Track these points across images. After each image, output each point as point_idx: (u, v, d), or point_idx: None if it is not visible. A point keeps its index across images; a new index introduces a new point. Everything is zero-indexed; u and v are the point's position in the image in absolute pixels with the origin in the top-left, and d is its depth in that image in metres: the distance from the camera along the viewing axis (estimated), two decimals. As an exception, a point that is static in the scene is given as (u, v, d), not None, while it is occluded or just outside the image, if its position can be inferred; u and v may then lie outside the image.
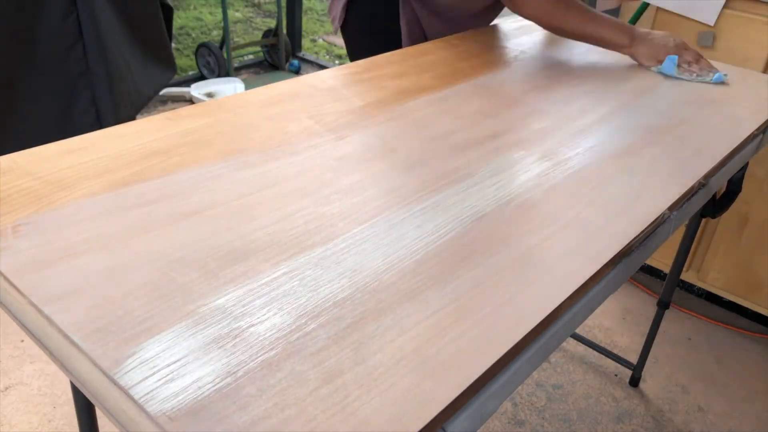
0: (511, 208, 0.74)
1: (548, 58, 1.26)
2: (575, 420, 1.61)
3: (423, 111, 0.97)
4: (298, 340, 0.53)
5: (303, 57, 3.82)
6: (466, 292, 0.60)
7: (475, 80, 1.11)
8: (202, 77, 3.39)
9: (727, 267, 1.91)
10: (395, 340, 0.53)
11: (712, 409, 1.69)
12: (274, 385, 0.48)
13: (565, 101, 1.06)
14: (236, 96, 0.97)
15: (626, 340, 1.89)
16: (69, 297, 0.55)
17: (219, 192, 0.72)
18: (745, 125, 1.03)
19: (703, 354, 1.87)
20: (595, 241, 0.70)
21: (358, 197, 0.73)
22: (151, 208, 0.68)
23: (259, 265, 0.61)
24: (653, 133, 0.97)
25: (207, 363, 0.49)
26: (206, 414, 0.45)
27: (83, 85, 2.24)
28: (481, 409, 0.52)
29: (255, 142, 0.83)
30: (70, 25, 1.67)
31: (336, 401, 0.47)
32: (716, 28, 1.71)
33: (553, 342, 0.61)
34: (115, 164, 0.75)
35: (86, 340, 0.51)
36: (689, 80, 1.19)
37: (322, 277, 0.60)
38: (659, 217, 0.76)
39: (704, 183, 0.87)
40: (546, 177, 0.81)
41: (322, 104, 0.96)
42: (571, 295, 0.62)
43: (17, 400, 1.55)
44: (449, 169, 0.81)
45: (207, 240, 0.64)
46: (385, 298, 0.58)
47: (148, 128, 0.84)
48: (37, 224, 0.64)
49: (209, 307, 0.55)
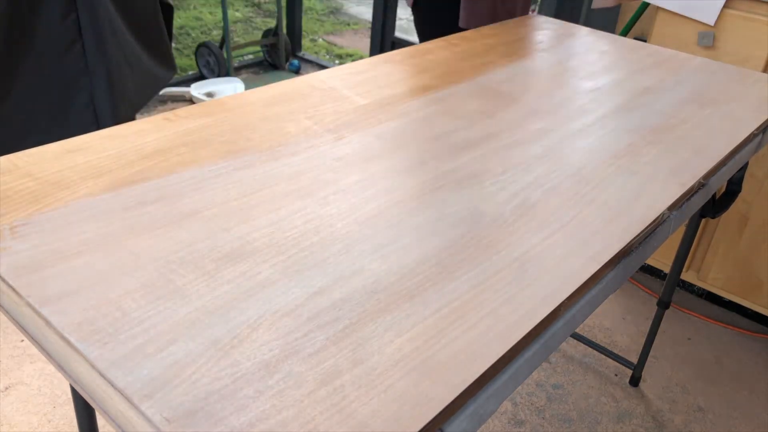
0: (511, 208, 0.74)
1: (548, 58, 1.26)
2: (575, 420, 1.61)
3: (423, 111, 0.96)
4: (297, 341, 0.52)
5: (303, 57, 3.82)
6: (465, 292, 0.60)
7: (475, 80, 1.10)
8: (202, 77, 3.39)
9: (727, 267, 1.91)
10: (394, 341, 0.53)
11: (712, 409, 1.69)
12: (272, 387, 0.48)
13: (565, 101, 1.06)
14: (236, 96, 0.96)
15: (626, 340, 1.89)
16: (66, 298, 0.55)
17: (218, 192, 0.72)
18: (745, 125, 1.03)
19: (703, 354, 1.87)
20: (595, 241, 0.69)
21: (357, 198, 0.73)
22: (150, 209, 0.68)
23: (258, 266, 0.60)
24: (653, 133, 0.97)
25: (205, 364, 0.49)
26: (203, 415, 0.45)
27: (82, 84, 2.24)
28: (480, 410, 0.52)
29: (254, 143, 0.83)
30: (70, 25, 1.67)
31: (334, 402, 0.47)
32: (716, 28, 1.71)
33: (553, 342, 0.61)
34: (115, 164, 0.75)
35: (83, 341, 0.50)
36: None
37: (321, 278, 0.60)
38: (659, 217, 0.76)
39: (704, 183, 0.87)
40: (546, 177, 0.81)
41: (322, 104, 0.96)
42: (571, 295, 0.61)
43: (17, 400, 1.55)
44: (449, 169, 0.81)
45: (205, 240, 0.63)
46: (384, 298, 0.58)
47: (148, 128, 0.84)
48: (36, 225, 0.63)
49: (207, 308, 0.55)
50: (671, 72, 1.24)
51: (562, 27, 1.47)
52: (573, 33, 1.43)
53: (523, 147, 0.89)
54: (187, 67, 3.65)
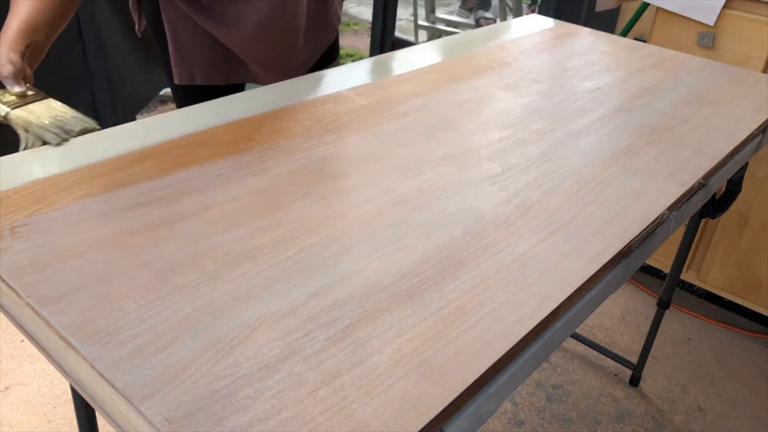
0: (511, 208, 0.74)
1: (548, 58, 1.26)
2: (575, 420, 1.61)
3: (423, 111, 0.96)
4: (297, 341, 0.52)
5: (303, 57, 3.81)
6: (465, 292, 0.60)
7: (473, 82, 1.10)
8: (201, 77, 3.39)
9: (727, 267, 1.91)
10: (394, 341, 0.53)
11: (712, 409, 1.69)
12: (272, 387, 0.48)
13: (565, 101, 1.06)
14: (236, 96, 0.96)
15: (626, 340, 1.89)
16: (66, 298, 0.55)
17: (218, 192, 0.72)
18: (745, 125, 1.03)
19: (703, 354, 1.87)
20: (595, 241, 0.69)
21: (357, 198, 0.73)
22: (150, 209, 0.68)
23: (258, 266, 0.60)
24: (653, 133, 0.97)
25: (205, 364, 0.49)
26: (203, 416, 0.45)
27: (83, 85, 2.24)
28: (480, 410, 0.52)
29: (254, 143, 0.83)
30: (70, 26, 1.67)
31: (334, 403, 0.47)
32: (716, 28, 1.71)
33: (553, 342, 0.60)
34: (115, 164, 0.75)
35: (83, 341, 0.50)
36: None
37: (321, 278, 0.60)
38: (659, 217, 0.76)
39: (704, 183, 0.87)
40: (546, 177, 0.81)
41: (322, 104, 0.96)
42: (571, 295, 0.61)
43: (17, 400, 1.55)
44: (449, 169, 0.81)
45: (205, 241, 0.63)
46: (384, 299, 0.58)
47: (148, 128, 0.84)
48: (35, 225, 0.63)
49: (207, 308, 0.55)
50: (671, 72, 1.24)
51: (562, 27, 1.47)
52: (573, 33, 1.43)
53: (523, 147, 0.89)
54: (187, 68, 3.65)
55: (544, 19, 1.52)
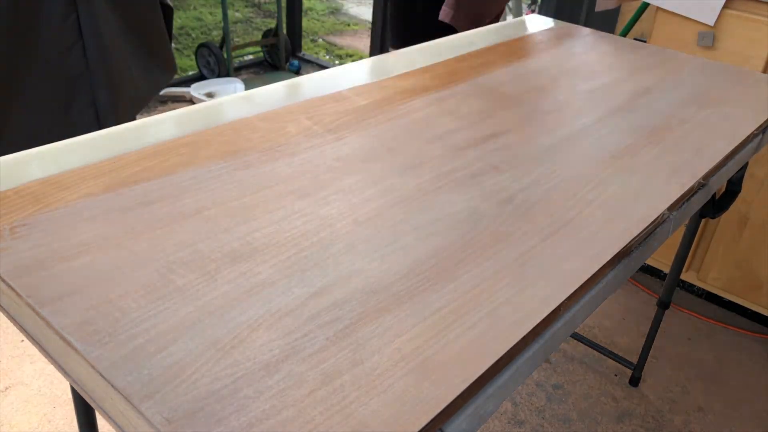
0: (511, 208, 0.74)
1: (548, 58, 1.26)
2: (575, 420, 1.61)
3: (422, 111, 0.96)
4: (297, 341, 0.52)
5: (303, 57, 3.81)
6: (465, 292, 0.60)
7: (475, 80, 1.10)
8: (202, 77, 3.39)
9: (727, 267, 1.91)
10: (394, 341, 0.53)
11: (712, 409, 1.68)
12: (272, 387, 0.48)
13: (565, 101, 1.06)
14: (236, 96, 0.96)
15: (626, 340, 1.89)
16: (66, 298, 0.55)
17: (218, 192, 0.72)
18: (745, 125, 1.03)
19: (703, 354, 1.87)
20: (595, 241, 0.69)
21: (357, 198, 0.73)
22: (150, 209, 0.68)
23: (258, 266, 0.60)
24: (653, 133, 0.97)
25: (205, 365, 0.49)
26: (203, 416, 0.45)
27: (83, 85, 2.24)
28: (480, 410, 0.52)
29: (254, 143, 0.83)
30: (70, 26, 1.67)
31: (334, 402, 0.47)
32: (716, 28, 1.71)
33: (553, 342, 0.60)
34: (115, 164, 0.75)
35: (83, 341, 0.50)
36: None
37: (321, 279, 0.60)
38: (659, 217, 0.76)
39: (704, 183, 0.87)
40: (546, 177, 0.81)
41: (322, 104, 0.96)
42: (571, 295, 0.61)
43: (17, 400, 1.55)
44: (449, 170, 0.81)
45: (206, 241, 0.63)
46: (384, 299, 0.58)
47: (148, 128, 0.84)
48: (36, 225, 0.63)
49: (207, 308, 0.55)
50: (671, 72, 1.24)
51: (562, 27, 1.47)
52: (573, 33, 1.43)
53: (523, 147, 0.89)
54: (188, 68, 3.65)
55: (544, 19, 1.52)
